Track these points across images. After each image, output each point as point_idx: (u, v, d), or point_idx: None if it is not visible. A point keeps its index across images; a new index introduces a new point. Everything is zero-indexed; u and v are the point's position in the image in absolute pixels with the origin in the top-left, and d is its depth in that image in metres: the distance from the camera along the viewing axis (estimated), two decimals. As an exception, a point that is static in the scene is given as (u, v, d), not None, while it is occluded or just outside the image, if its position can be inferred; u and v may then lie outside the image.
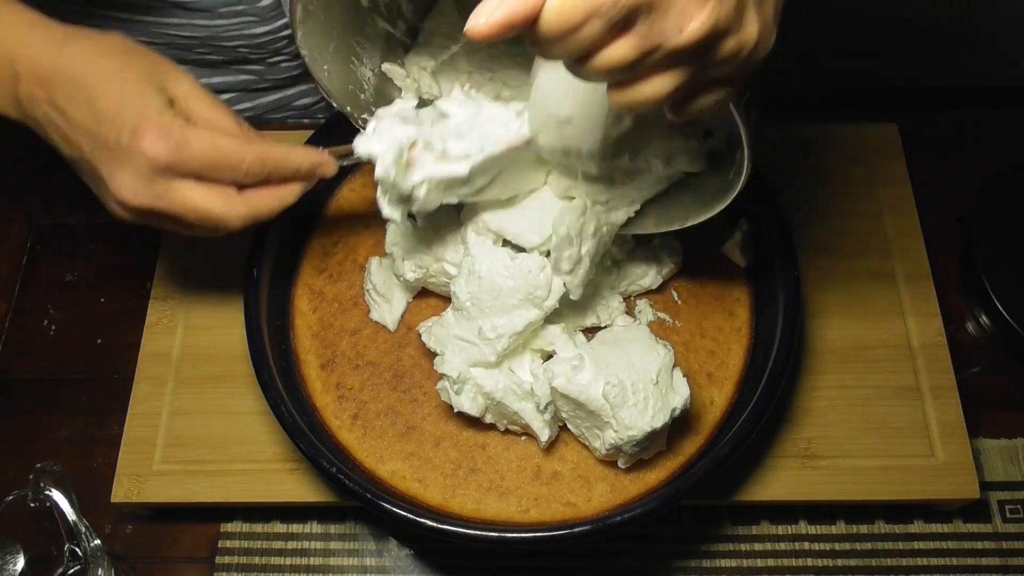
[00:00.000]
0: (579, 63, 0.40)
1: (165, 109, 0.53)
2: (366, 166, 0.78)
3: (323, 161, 0.59)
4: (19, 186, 0.89)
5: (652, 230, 0.65)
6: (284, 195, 0.58)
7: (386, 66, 0.68)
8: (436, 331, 0.64)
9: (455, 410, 0.63)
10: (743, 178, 0.53)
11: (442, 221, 0.66)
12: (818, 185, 0.79)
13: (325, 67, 0.64)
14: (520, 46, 0.67)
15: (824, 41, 0.66)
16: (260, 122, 0.90)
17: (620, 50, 0.39)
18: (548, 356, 0.64)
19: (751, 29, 0.40)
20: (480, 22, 0.37)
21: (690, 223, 0.62)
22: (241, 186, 0.56)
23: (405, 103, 0.62)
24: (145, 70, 0.53)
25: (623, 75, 0.40)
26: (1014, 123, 0.88)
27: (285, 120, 0.93)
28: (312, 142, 0.72)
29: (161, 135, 0.51)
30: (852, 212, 0.78)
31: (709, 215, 0.60)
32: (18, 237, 0.86)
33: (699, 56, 0.40)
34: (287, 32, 0.79)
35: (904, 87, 1.31)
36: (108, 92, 0.52)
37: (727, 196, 0.57)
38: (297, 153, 0.57)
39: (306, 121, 0.93)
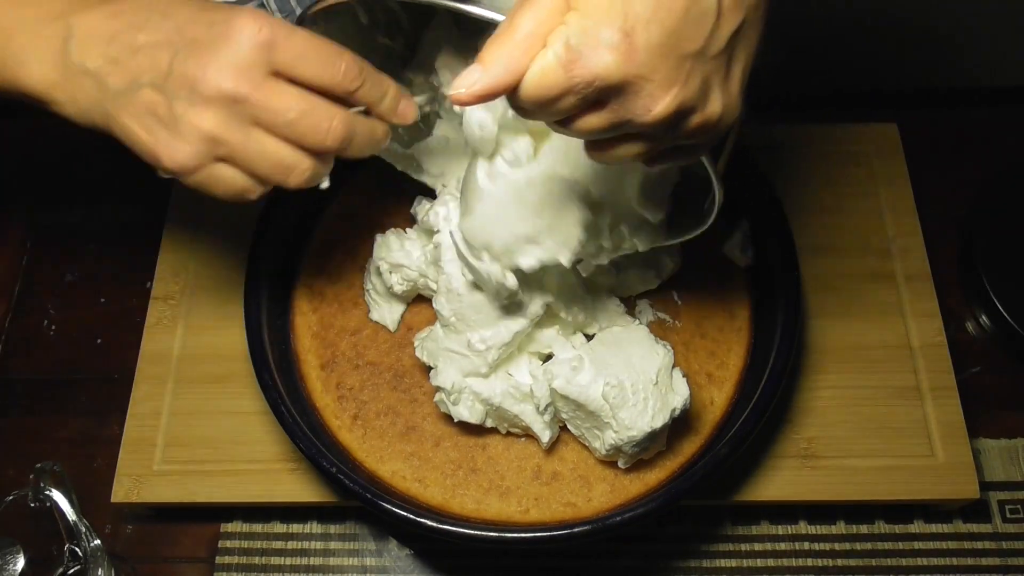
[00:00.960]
0: (557, 124, 0.43)
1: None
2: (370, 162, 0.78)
3: (409, 98, 0.55)
4: (19, 186, 0.89)
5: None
6: (376, 128, 0.54)
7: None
8: (428, 345, 0.64)
9: (455, 420, 0.64)
10: (714, 214, 0.54)
11: (428, 234, 0.66)
12: (818, 185, 0.79)
13: None
14: None
15: (824, 41, 0.66)
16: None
17: (593, 121, 0.42)
18: (547, 358, 0.64)
19: (715, 107, 0.43)
20: (462, 91, 0.40)
21: (665, 243, 0.63)
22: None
23: None
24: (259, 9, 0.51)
25: (597, 138, 0.44)
26: (1014, 123, 0.89)
27: None
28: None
29: (258, 16, 0.48)
30: (852, 212, 0.78)
31: (684, 238, 0.61)
32: (18, 237, 0.86)
33: (666, 130, 0.43)
34: None
35: (904, 87, 1.31)
36: (192, 4, 0.49)
37: (700, 227, 0.58)
38: (388, 78, 0.54)
39: None
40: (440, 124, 0.69)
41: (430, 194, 0.69)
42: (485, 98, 0.40)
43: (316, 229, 0.75)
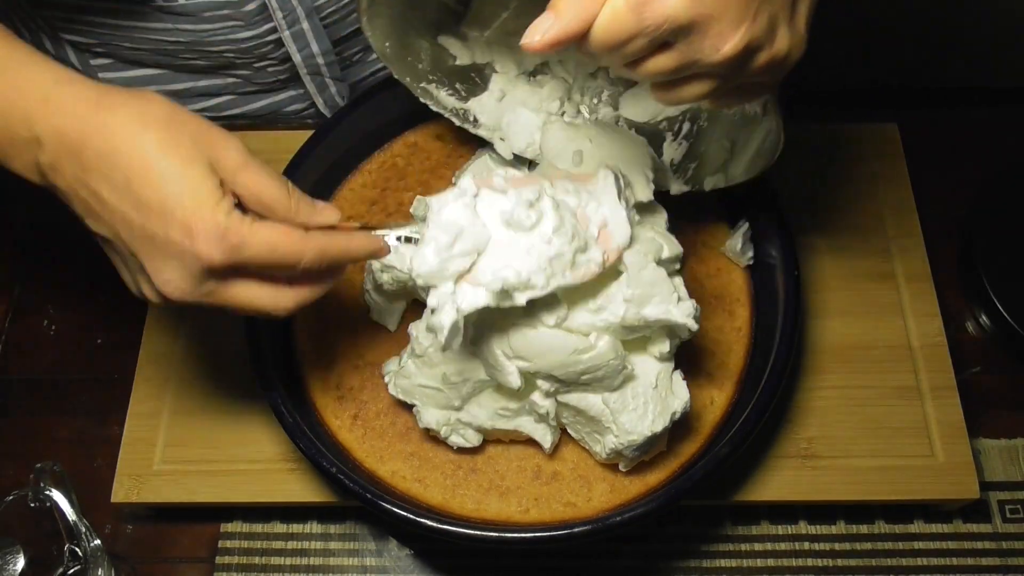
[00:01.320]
0: (626, 66, 0.43)
1: (218, 200, 0.46)
2: (368, 164, 0.78)
3: (378, 248, 0.54)
4: (19, 186, 0.89)
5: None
6: (329, 282, 0.54)
7: (441, 37, 0.69)
8: (401, 383, 0.63)
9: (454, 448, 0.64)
10: (778, 152, 0.56)
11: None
12: (818, 185, 0.79)
13: (386, 42, 0.65)
14: None
15: (824, 41, 0.66)
16: (253, 126, 0.90)
17: (662, 62, 0.43)
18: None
19: (782, 44, 0.44)
20: (535, 39, 0.41)
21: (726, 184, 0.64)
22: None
23: (460, 198, 0.54)
24: (191, 145, 0.47)
25: (666, 79, 0.44)
26: (1014, 123, 0.88)
27: (276, 125, 0.92)
28: (310, 145, 0.72)
29: (217, 237, 0.46)
30: (852, 212, 0.78)
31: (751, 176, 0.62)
32: (18, 237, 0.86)
33: (735, 69, 0.43)
34: (271, 38, 0.78)
35: (904, 87, 1.31)
36: (152, 178, 0.46)
37: (767, 164, 0.59)
38: (356, 243, 0.53)
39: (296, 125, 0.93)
40: (496, 78, 0.69)
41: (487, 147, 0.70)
42: (559, 45, 0.41)
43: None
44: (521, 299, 0.53)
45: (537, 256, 0.52)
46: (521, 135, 0.69)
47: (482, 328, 0.58)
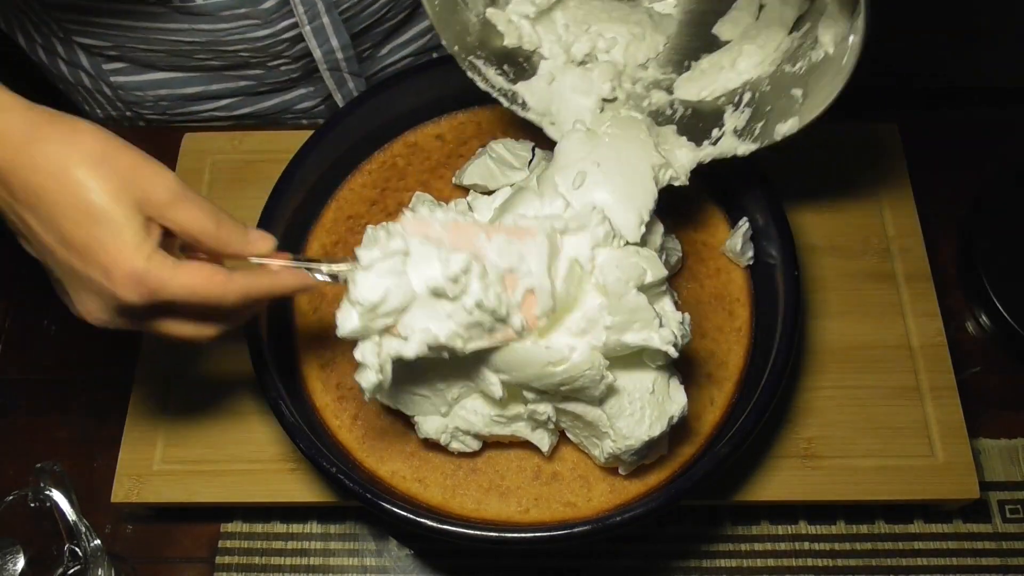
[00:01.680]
0: None
1: (140, 242, 0.47)
2: (368, 164, 0.78)
3: (306, 285, 0.56)
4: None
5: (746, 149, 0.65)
6: (254, 312, 0.57)
7: (490, 11, 0.69)
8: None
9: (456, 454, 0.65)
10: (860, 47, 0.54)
11: None
12: (818, 185, 0.79)
13: (436, 1, 0.65)
14: (615, 1, 0.70)
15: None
16: (260, 125, 0.90)
17: None
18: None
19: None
20: None
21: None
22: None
23: (384, 256, 0.55)
24: (119, 183, 0.47)
25: None
26: (1014, 123, 0.88)
27: (284, 120, 0.93)
28: (310, 144, 0.72)
29: (134, 282, 0.47)
30: (852, 212, 0.78)
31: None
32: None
33: None
34: (288, 35, 0.78)
35: (904, 87, 1.31)
36: (74, 218, 0.46)
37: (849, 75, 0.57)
38: (281, 279, 0.54)
39: (304, 122, 0.93)
40: (545, 63, 0.69)
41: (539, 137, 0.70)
42: None
43: (316, 229, 0.75)
44: (442, 354, 0.55)
45: (456, 323, 0.54)
46: (571, 120, 0.68)
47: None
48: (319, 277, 0.56)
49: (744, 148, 0.65)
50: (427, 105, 0.78)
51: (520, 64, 0.69)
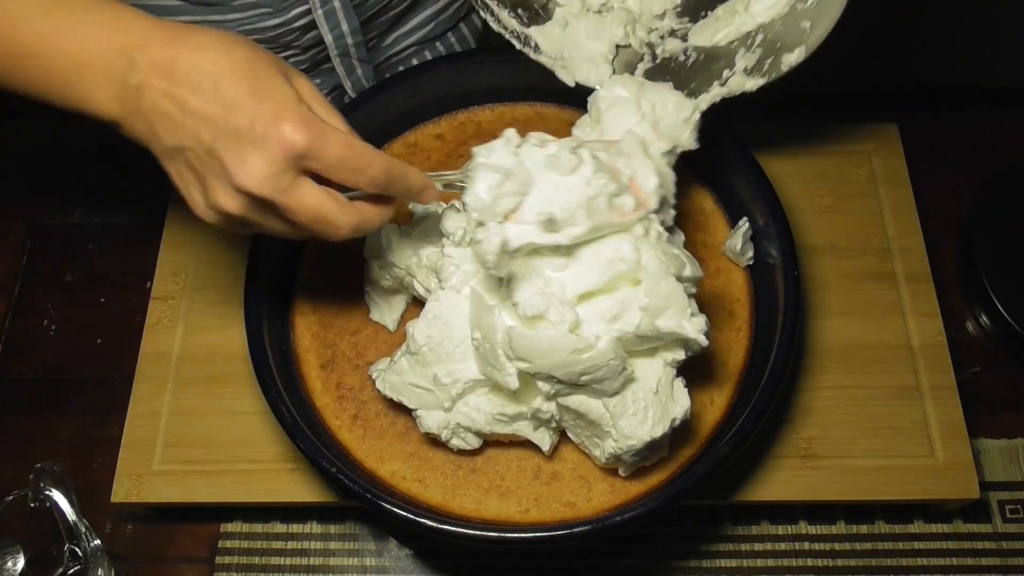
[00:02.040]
0: None
1: (301, 101, 0.52)
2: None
3: (430, 186, 0.58)
4: (19, 186, 0.89)
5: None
6: (386, 212, 0.57)
7: None
8: (390, 379, 0.63)
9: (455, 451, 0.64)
10: None
11: (424, 235, 0.66)
12: (818, 185, 0.79)
13: None
14: None
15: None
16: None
17: None
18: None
19: None
20: None
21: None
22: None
23: (504, 150, 0.58)
24: (273, 63, 0.53)
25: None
26: (1014, 123, 0.89)
27: None
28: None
29: (302, 123, 0.50)
30: (852, 212, 0.78)
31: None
32: (18, 237, 0.86)
33: None
34: (300, 23, 0.78)
35: (904, 87, 1.31)
36: (241, 79, 0.51)
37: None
38: (413, 173, 0.57)
39: None
40: (560, 9, 0.70)
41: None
42: None
43: (316, 229, 0.75)
44: (564, 237, 0.57)
45: (578, 195, 0.57)
46: (584, 64, 0.69)
47: (486, 320, 0.59)
48: (438, 187, 0.58)
49: (752, 83, 0.67)
50: (427, 105, 0.78)
51: (535, 10, 0.70)
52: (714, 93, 0.67)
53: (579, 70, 0.70)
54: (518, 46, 0.70)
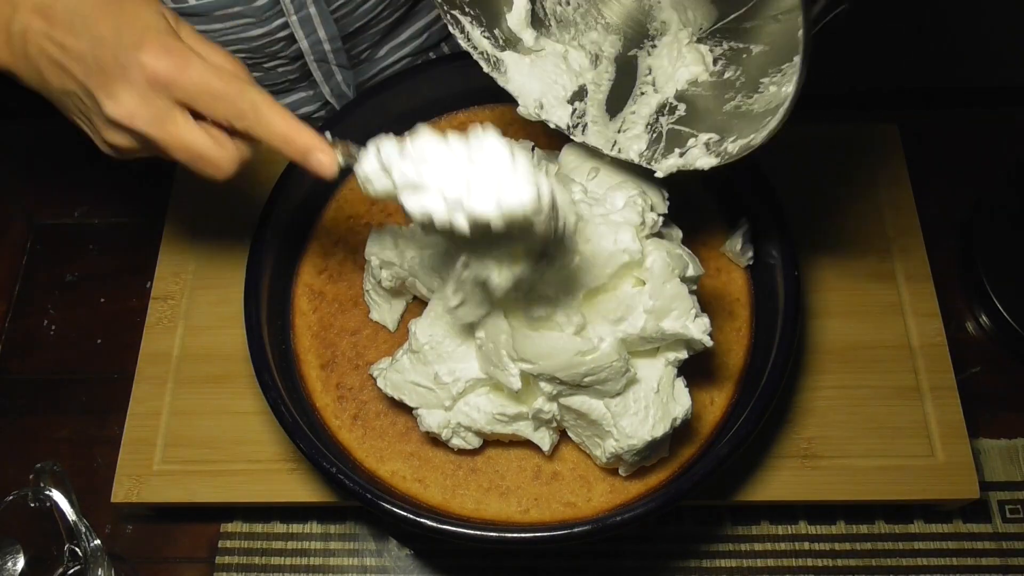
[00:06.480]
0: None
1: (169, 31, 0.51)
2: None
3: (318, 148, 0.53)
4: (19, 186, 0.89)
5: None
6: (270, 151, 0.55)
7: None
8: (392, 377, 0.63)
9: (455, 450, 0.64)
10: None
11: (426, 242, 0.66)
12: (818, 185, 0.79)
13: None
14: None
15: (824, 41, 0.66)
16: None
17: None
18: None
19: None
20: None
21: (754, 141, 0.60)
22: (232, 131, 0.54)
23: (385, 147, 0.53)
24: (154, 4, 0.53)
25: None
26: (1014, 123, 0.89)
27: None
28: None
29: (163, 51, 0.50)
30: (852, 212, 0.78)
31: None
32: (18, 237, 0.86)
33: None
34: (282, 33, 0.78)
35: (904, 87, 1.31)
36: (108, 14, 0.50)
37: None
38: (292, 121, 0.53)
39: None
40: (541, 39, 0.68)
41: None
42: None
43: (316, 229, 0.75)
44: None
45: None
46: (551, 102, 0.67)
47: (488, 322, 0.58)
48: (341, 160, 0.54)
49: (705, 161, 0.62)
50: (427, 105, 0.78)
51: (513, 35, 0.67)
52: (672, 163, 0.63)
53: (547, 108, 0.67)
54: (486, 69, 0.67)
